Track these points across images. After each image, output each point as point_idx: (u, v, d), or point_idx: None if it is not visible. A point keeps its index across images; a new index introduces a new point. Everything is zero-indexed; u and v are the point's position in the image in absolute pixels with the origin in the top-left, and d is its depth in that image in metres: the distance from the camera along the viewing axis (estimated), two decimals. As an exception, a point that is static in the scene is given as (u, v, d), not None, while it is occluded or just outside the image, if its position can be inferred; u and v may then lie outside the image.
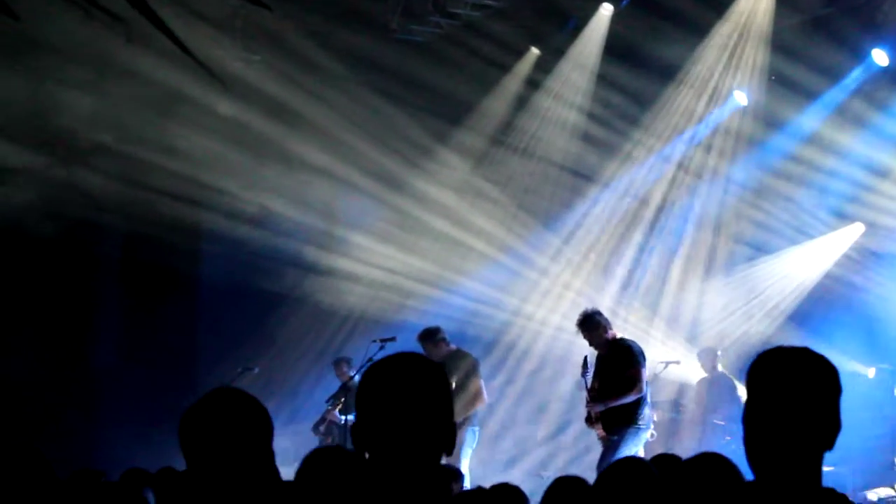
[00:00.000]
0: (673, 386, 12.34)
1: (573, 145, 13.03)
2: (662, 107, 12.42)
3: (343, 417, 10.75)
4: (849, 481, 10.11)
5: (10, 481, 3.10)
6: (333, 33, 11.69)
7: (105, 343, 12.52)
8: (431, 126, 12.93)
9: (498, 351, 13.14)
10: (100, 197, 11.34)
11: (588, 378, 8.77)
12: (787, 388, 2.40)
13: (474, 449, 9.67)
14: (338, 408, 10.90)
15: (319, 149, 12.22)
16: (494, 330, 13.19)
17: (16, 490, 3.09)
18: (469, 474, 9.06)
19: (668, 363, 11.63)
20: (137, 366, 12.22)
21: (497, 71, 12.78)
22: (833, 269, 12.32)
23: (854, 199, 12.01)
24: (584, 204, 13.49)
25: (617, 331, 8.88)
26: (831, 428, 2.41)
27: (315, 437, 11.19)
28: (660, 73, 12.13)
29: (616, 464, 3.64)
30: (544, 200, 13.61)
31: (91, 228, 11.77)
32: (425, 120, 12.81)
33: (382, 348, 9.17)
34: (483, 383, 9.77)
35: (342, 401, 10.81)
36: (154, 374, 12.11)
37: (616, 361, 8.58)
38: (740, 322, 12.84)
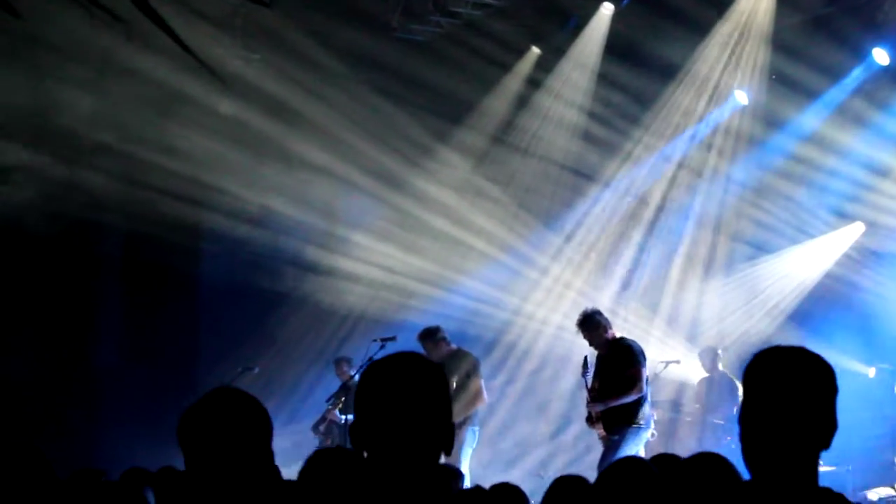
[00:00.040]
0: (673, 385, 12.33)
1: (574, 144, 13.03)
2: (663, 106, 12.42)
3: (343, 417, 10.75)
4: (849, 481, 10.12)
5: (11, 481, 3.09)
6: (334, 32, 11.67)
7: (105, 342, 12.50)
8: (432, 125, 12.93)
9: (498, 350, 13.13)
10: (100, 196, 11.32)
11: (588, 378, 8.77)
12: (784, 388, 2.40)
13: (474, 449, 9.67)
14: (338, 407, 10.90)
15: (320, 148, 12.22)
16: (495, 329, 13.18)
17: (16, 490, 3.09)
18: (469, 474, 9.05)
19: (668, 363, 11.62)
20: (138, 365, 12.21)
21: (498, 70, 12.77)
22: (833, 269, 12.32)
23: (854, 199, 12.01)
24: (585, 203, 13.49)
25: (617, 330, 8.88)
26: (827, 427, 2.41)
27: (315, 437, 11.18)
28: (660, 73, 12.13)
29: (616, 463, 3.64)
30: (545, 199, 13.60)
31: (91, 228, 11.76)
32: (426, 119, 12.80)
33: (383, 347, 9.15)
34: (483, 383, 9.75)
35: (342, 400, 10.82)
36: (155, 374, 12.11)
37: (616, 361, 8.58)
38: (740, 321, 12.83)
